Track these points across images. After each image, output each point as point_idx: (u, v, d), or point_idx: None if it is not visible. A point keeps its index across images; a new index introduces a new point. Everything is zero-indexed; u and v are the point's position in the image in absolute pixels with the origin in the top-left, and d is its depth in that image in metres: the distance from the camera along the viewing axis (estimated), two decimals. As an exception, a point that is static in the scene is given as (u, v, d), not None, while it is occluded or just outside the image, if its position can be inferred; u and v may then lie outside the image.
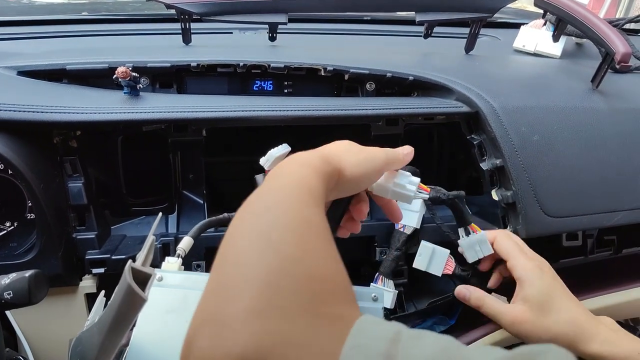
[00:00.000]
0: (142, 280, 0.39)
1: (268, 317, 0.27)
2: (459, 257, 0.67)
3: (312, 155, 0.42)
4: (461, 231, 0.65)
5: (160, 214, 0.55)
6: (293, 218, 0.34)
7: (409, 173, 0.53)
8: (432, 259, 0.66)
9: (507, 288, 0.65)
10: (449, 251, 0.66)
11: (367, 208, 0.52)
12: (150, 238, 0.43)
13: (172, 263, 0.54)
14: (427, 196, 0.54)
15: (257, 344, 0.26)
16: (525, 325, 0.56)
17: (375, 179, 0.49)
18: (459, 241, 0.66)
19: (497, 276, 0.67)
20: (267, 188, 0.38)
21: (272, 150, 0.55)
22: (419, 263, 0.67)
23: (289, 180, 0.38)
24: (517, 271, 0.60)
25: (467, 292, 0.63)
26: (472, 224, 0.64)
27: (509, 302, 0.61)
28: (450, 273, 0.66)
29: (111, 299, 0.41)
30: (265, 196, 0.37)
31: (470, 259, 0.65)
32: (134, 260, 0.41)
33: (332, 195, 0.45)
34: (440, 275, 0.67)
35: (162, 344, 0.47)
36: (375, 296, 0.50)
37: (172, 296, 0.49)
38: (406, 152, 0.51)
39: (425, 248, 0.66)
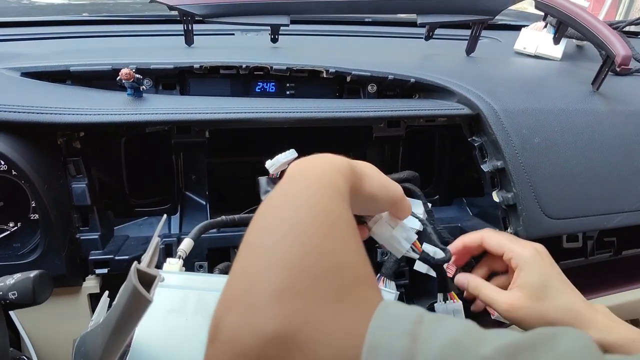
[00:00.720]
0: (148, 281, 0.40)
1: (297, 298, 0.28)
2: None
3: (339, 158, 0.43)
4: (440, 296, 0.66)
5: (165, 215, 0.55)
6: (323, 210, 0.34)
7: (409, 227, 0.56)
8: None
9: None
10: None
11: (365, 235, 0.53)
12: (155, 239, 0.44)
13: (173, 264, 0.55)
14: (417, 256, 0.56)
15: (286, 322, 0.27)
16: (522, 312, 0.56)
17: (380, 209, 0.50)
18: (435, 305, 0.66)
19: (484, 269, 0.65)
20: (294, 183, 0.38)
21: (280, 155, 0.56)
22: (419, 266, 0.67)
23: (317, 177, 0.38)
24: (514, 260, 0.59)
25: (466, 280, 0.62)
26: (452, 292, 0.65)
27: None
28: (451, 276, 0.67)
29: (116, 299, 0.41)
30: (293, 189, 0.37)
31: None
32: (138, 261, 0.41)
33: None
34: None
35: (164, 344, 0.47)
36: None
37: (173, 296, 0.50)
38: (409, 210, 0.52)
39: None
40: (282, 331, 0.27)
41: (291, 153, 0.56)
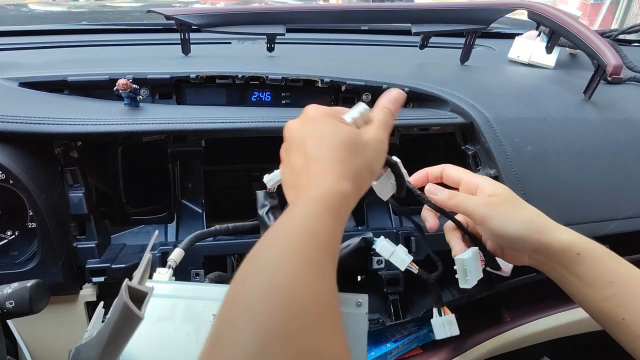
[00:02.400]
0: (139, 298, 0.40)
1: None
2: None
3: (328, 194, 0.41)
4: (435, 311, 0.68)
5: (157, 232, 0.56)
6: (300, 291, 0.33)
7: (405, 250, 0.63)
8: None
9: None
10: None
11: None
12: (147, 255, 0.44)
13: (162, 274, 0.56)
14: (416, 271, 0.64)
15: None
16: (500, 207, 0.55)
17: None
18: (431, 320, 0.68)
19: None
20: (274, 236, 0.38)
21: (278, 171, 0.57)
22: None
23: (301, 234, 0.37)
24: (475, 180, 0.59)
25: (437, 190, 0.60)
26: (444, 307, 0.68)
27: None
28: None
29: (109, 314, 0.42)
30: (273, 246, 0.37)
31: (439, 335, 0.67)
32: (133, 270, 0.42)
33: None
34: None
35: (153, 352, 0.48)
36: (359, 302, 0.52)
37: (162, 305, 0.51)
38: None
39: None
40: None
41: None
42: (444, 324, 0.66)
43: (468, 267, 0.61)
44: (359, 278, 0.86)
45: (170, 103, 0.77)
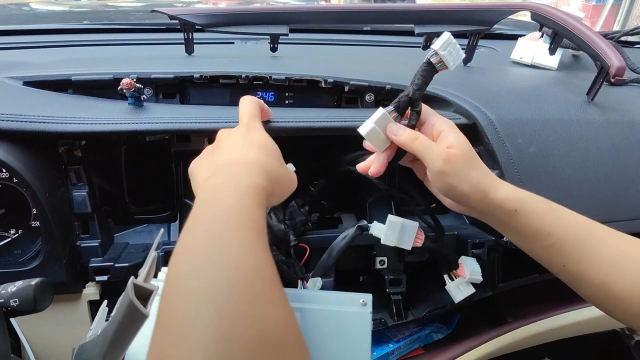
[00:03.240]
0: (144, 296, 0.40)
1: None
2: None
3: (245, 174, 0.44)
4: (446, 277, 0.71)
5: (162, 230, 0.56)
6: (235, 267, 0.34)
7: (415, 224, 0.66)
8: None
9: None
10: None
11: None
12: (152, 254, 0.44)
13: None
14: (421, 244, 0.67)
15: None
16: (456, 165, 0.56)
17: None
18: (445, 286, 0.71)
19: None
20: (200, 211, 0.40)
21: None
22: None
23: (227, 213, 0.39)
24: (439, 124, 0.59)
25: (399, 128, 0.59)
26: (454, 271, 0.71)
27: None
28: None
29: (113, 312, 0.42)
30: (200, 222, 0.38)
31: (457, 298, 0.70)
32: (136, 269, 0.42)
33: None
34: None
35: None
36: (364, 301, 0.52)
37: None
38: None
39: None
40: None
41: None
42: (458, 286, 0.70)
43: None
44: (361, 278, 0.86)
45: (174, 103, 0.78)
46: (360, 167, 0.62)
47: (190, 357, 0.29)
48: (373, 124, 0.58)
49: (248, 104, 0.59)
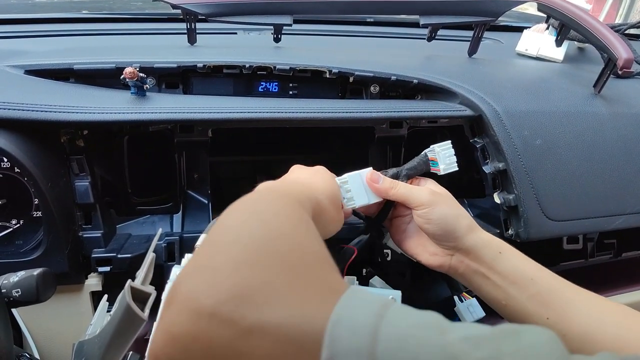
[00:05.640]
0: (142, 299, 0.40)
1: (256, 267, 0.29)
2: None
3: (298, 193, 0.45)
4: (456, 298, 0.71)
5: (160, 230, 0.55)
6: (279, 207, 0.36)
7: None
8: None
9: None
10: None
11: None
12: (150, 255, 0.44)
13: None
14: None
15: (243, 285, 0.28)
16: (443, 199, 0.59)
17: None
18: (455, 309, 0.71)
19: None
20: (260, 188, 0.42)
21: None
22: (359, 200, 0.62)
23: (279, 193, 0.41)
24: (419, 180, 0.64)
25: (380, 177, 0.61)
26: (464, 292, 0.71)
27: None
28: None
29: (112, 313, 0.42)
30: (258, 192, 0.40)
31: (467, 319, 0.70)
32: (139, 260, 0.42)
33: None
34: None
35: None
36: (393, 298, 0.52)
37: None
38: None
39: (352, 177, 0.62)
40: (238, 292, 0.28)
41: None
42: (468, 308, 0.69)
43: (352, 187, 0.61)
44: (364, 271, 0.86)
45: (177, 93, 0.77)
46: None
47: (235, 265, 0.29)
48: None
49: None
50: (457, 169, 0.64)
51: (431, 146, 0.64)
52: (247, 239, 0.31)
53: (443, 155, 0.62)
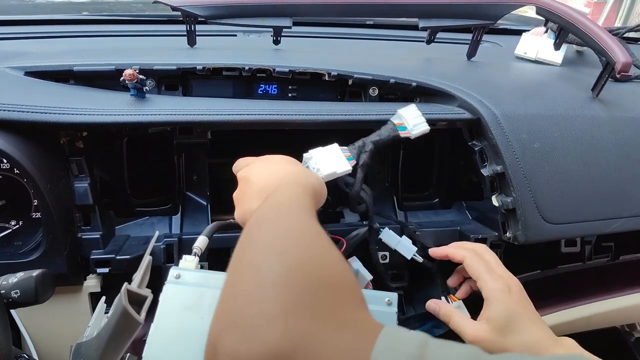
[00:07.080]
0: (138, 302, 0.40)
1: (293, 317, 0.29)
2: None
3: (303, 179, 0.50)
4: (443, 298, 0.71)
5: (157, 232, 0.56)
6: (296, 227, 0.37)
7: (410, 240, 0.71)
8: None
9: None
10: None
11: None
12: (147, 259, 0.44)
13: (189, 261, 0.55)
14: (421, 260, 0.71)
15: (285, 342, 0.28)
16: (485, 344, 0.57)
17: None
18: None
19: (466, 288, 0.69)
20: (266, 205, 0.43)
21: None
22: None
23: (284, 198, 0.44)
24: (484, 291, 0.61)
25: (437, 306, 0.65)
26: (450, 294, 0.71)
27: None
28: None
29: (109, 315, 0.42)
30: (267, 212, 0.41)
31: None
32: (137, 261, 0.42)
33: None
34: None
35: (180, 339, 0.47)
36: (389, 301, 0.52)
37: (190, 293, 0.50)
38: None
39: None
40: (282, 350, 0.28)
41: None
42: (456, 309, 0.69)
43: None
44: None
45: (177, 95, 0.77)
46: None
47: (265, 298, 0.30)
48: None
49: None
50: (428, 128, 0.64)
51: (396, 111, 0.64)
52: (274, 281, 0.31)
53: (408, 117, 0.62)
